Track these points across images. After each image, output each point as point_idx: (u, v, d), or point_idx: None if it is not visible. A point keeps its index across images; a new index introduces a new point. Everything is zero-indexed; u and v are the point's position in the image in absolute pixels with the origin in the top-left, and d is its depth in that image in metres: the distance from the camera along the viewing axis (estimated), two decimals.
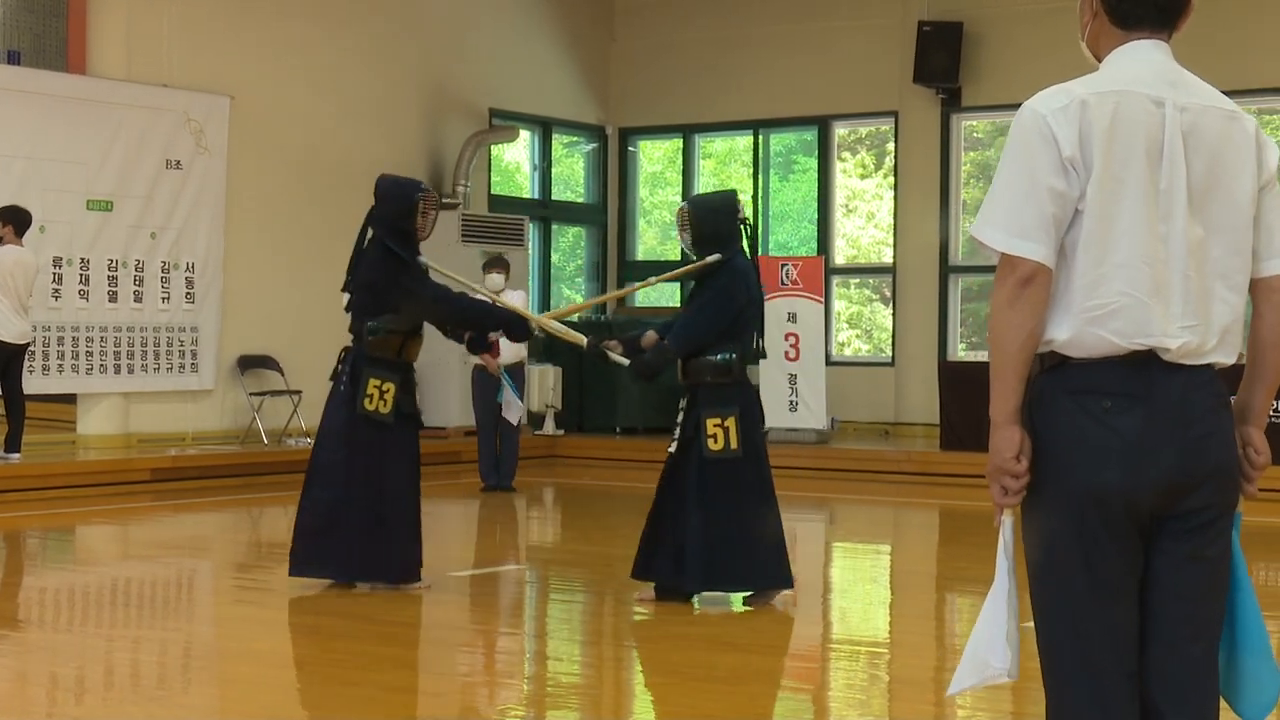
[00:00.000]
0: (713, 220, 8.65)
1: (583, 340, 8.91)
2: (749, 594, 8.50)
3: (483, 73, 18.88)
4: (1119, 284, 3.42)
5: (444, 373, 16.57)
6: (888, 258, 19.20)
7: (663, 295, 20.95)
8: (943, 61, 17.97)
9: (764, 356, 9.03)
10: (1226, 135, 3.53)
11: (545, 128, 20.00)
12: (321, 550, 8.67)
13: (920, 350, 18.55)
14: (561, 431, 18.08)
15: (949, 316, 18.62)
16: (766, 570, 8.39)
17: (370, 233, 8.85)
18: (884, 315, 19.55)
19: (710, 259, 8.58)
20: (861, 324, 20.03)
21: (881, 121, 19.22)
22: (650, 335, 8.65)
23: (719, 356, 8.35)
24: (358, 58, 17.26)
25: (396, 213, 8.77)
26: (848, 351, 19.74)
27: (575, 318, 15.97)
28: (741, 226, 8.75)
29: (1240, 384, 3.65)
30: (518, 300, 14.48)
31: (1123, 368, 3.43)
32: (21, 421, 13.65)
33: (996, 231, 3.46)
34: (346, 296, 8.91)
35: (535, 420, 18.11)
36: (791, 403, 17.11)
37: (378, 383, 8.68)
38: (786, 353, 17.19)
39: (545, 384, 18.12)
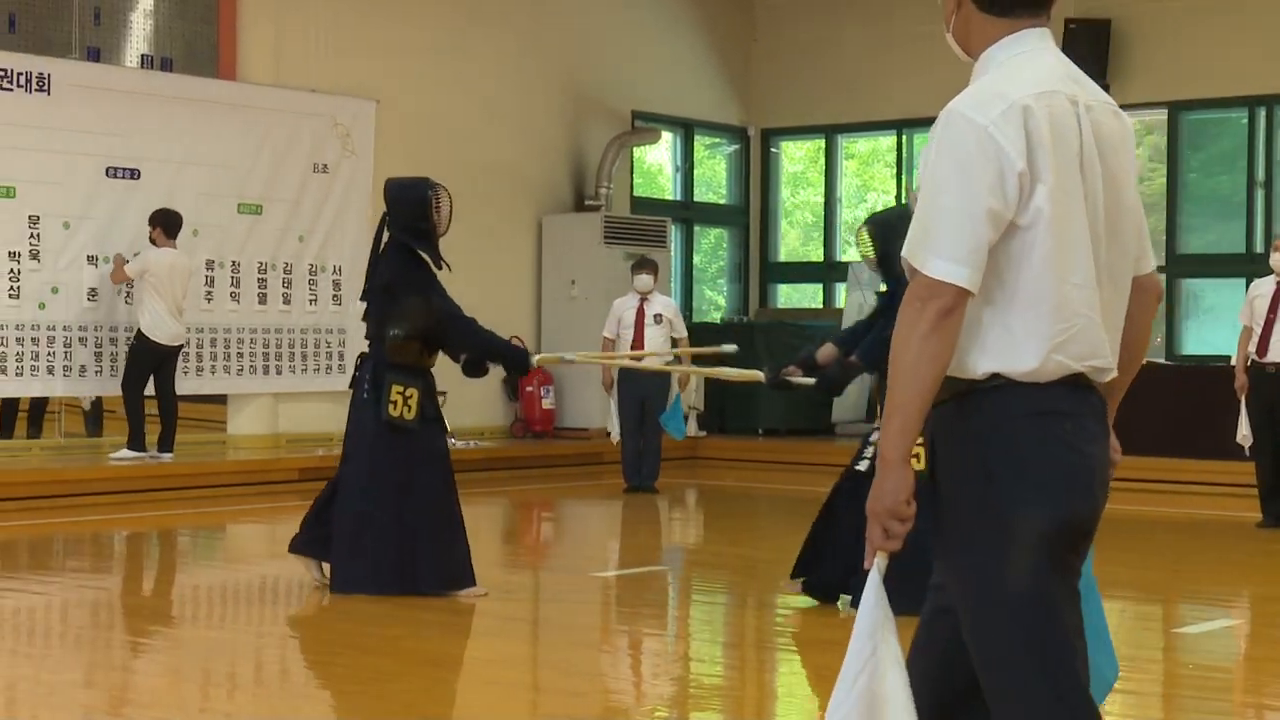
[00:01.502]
0: (892, 237, 8.25)
1: (760, 376, 8.80)
2: None
3: (625, 75, 18.92)
4: (1078, 305, 3.18)
5: (583, 375, 16.63)
6: None
7: (804, 296, 20.88)
8: (1090, 59, 17.69)
9: None
10: (1119, 134, 3.30)
11: (687, 129, 20.01)
12: (358, 566, 8.57)
13: None
14: (704, 433, 18.07)
15: None
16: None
17: (386, 237, 8.82)
18: None
19: (725, 348, 8.56)
20: None
21: None
22: (828, 349, 8.52)
23: None
24: (500, 61, 17.38)
25: (411, 213, 8.71)
26: None
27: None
28: None
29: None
30: (666, 308, 14.51)
31: (1063, 389, 3.20)
32: (173, 422, 13.89)
33: (932, 256, 3.13)
34: (363, 306, 8.88)
35: None
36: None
37: (400, 388, 8.59)
38: None
39: (687, 386, 18.11)
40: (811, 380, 8.46)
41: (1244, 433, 12.27)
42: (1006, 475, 3.16)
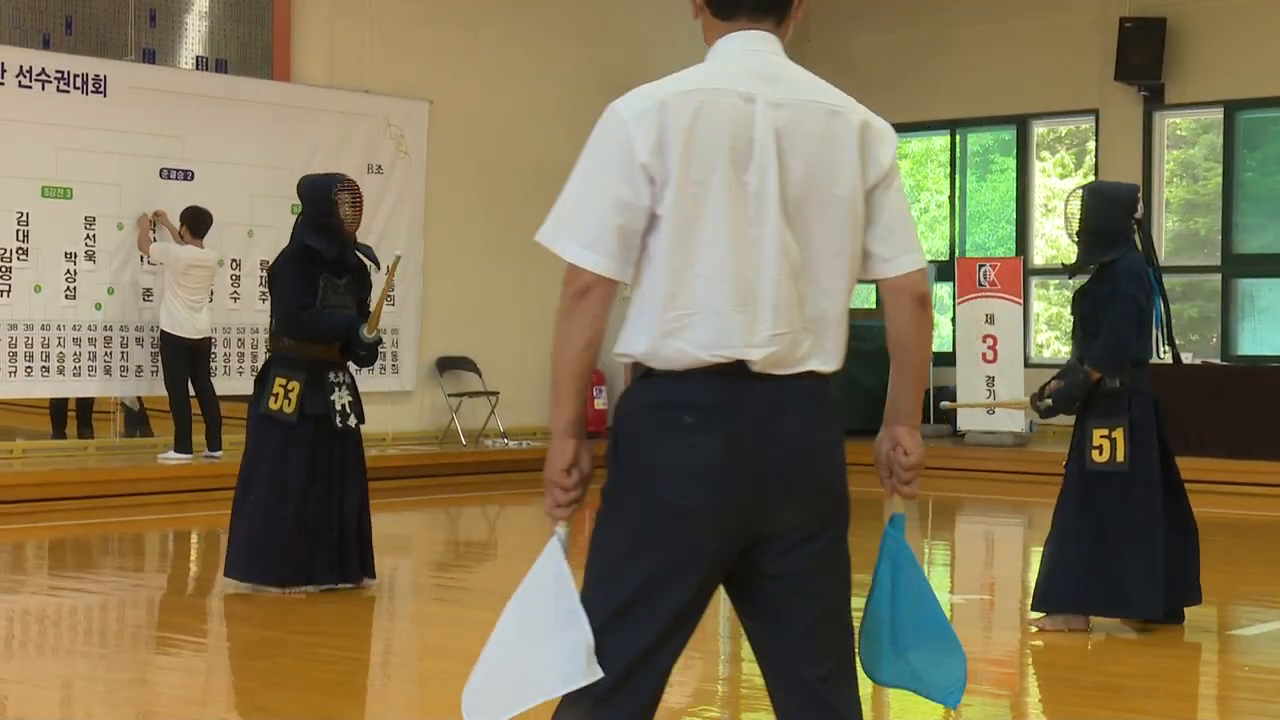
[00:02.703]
0: (1103, 211, 7.89)
1: (1027, 403, 8.48)
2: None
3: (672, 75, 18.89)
4: (699, 294, 3.21)
5: None
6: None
7: (857, 297, 20.79)
8: (1145, 58, 17.62)
9: (1178, 360, 8.36)
10: (828, 133, 3.30)
11: None
12: (231, 550, 8.77)
13: None
14: None
15: None
16: (1128, 598, 7.68)
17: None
18: None
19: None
20: (1061, 325, 19.70)
21: (1081, 120, 18.90)
22: (1051, 388, 8.04)
23: None
24: (550, 61, 17.40)
25: (314, 209, 8.79)
26: (1047, 353, 19.44)
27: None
28: (1134, 225, 7.93)
29: (889, 385, 3.55)
30: None
31: (707, 380, 3.22)
32: (217, 419, 13.91)
33: (563, 238, 3.27)
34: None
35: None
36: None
37: (283, 381, 8.65)
38: (984, 354, 17.00)
39: None
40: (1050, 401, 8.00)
41: None
42: (624, 460, 3.27)
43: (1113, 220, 7.87)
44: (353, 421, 8.91)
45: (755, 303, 3.23)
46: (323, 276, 8.75)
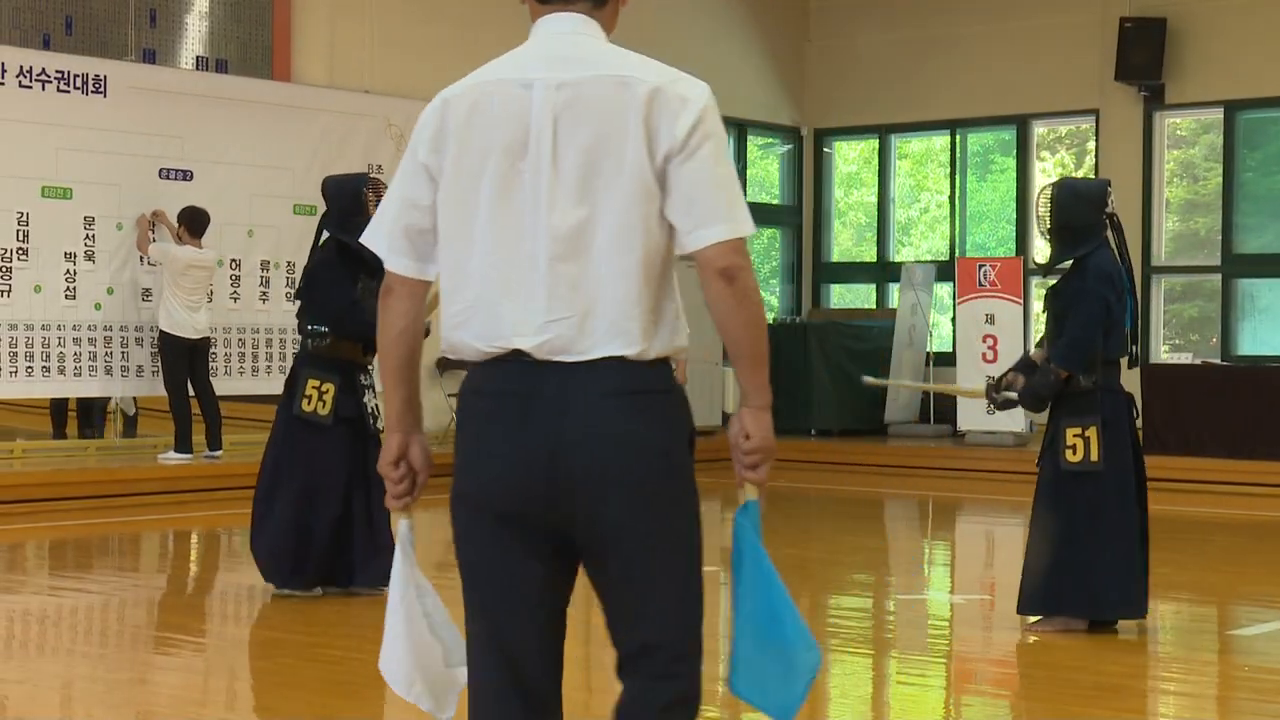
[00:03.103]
0: (1074, 208, 7.83)
1: (981, 392, 8.37)
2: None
3: None
4: (474, 286, 3.25)
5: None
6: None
7: (858, 297, 20.82)
8: (1145, 58, 17.62)
9: (1136, 364, 8.21)
10: (613, 105, 3.20)
11: (740, 129, 20.00)
12: (259, 549, 8.58)
13: None
14: None
15: (1151, 318, 18.25)
16: (1107, 599, 7.65)
17: (324, 235, 8.73)
18: None
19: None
20: None
21: (1081, 120, 18.91)
22: (1040, 353, 7.93)
23: None
24: None
25: (344, 209, 8.63)
26: None
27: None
28: (1107, 220, 7.90)
29: None
30: None
31: (502, 369, 3.25)
32: (217, 419, 13.91)
33: (375, 238, 3.39)
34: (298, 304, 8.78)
35: (730, 422, 18.08)
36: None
37: (316, 383, 8.47)
38: (984, 354, 16.99)
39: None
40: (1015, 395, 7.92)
41: None
42: (456, 445, 3.35)
43: (1083, 215, 7.82)
44: (381, 424, 8.87)
45: (527, 291, 3.21)
46: (360, 276, 8.65)
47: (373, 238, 3.40)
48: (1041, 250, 19.15)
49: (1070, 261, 7.85)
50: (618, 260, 3.19)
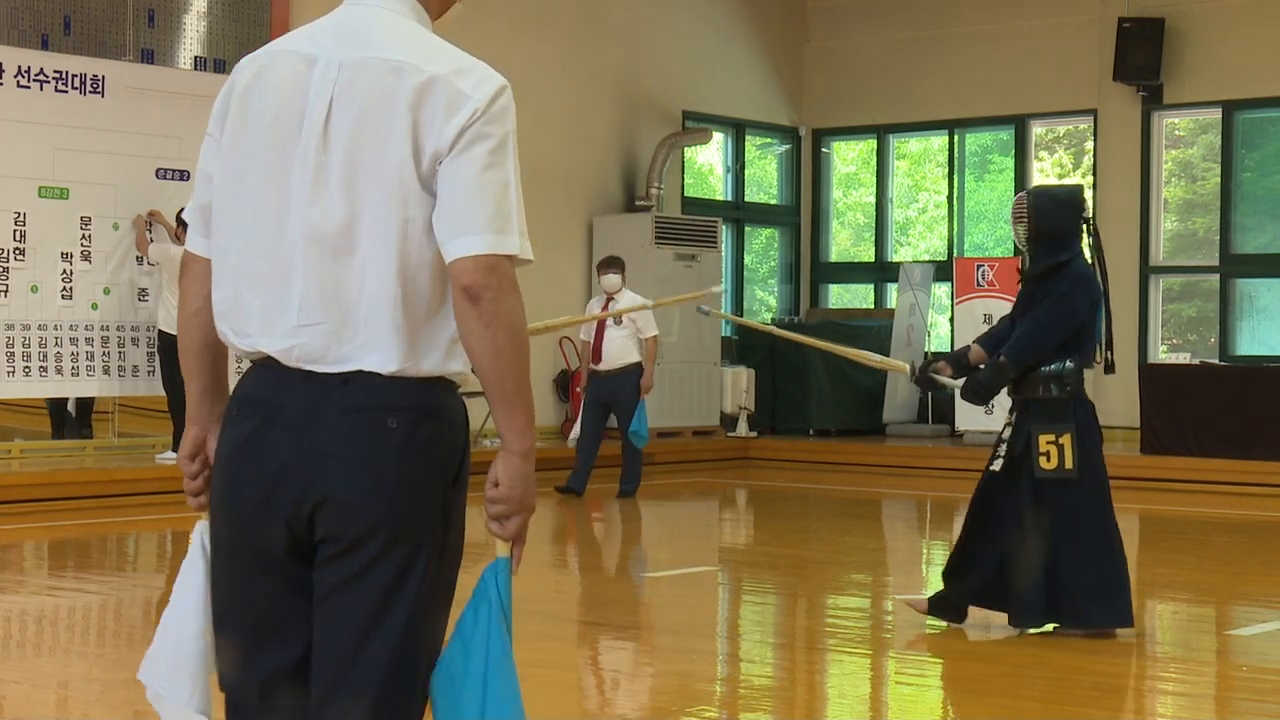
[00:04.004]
0: (1053, 214, 7.75)
1: (905, 368, 8.45)
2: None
3: (676, 75, 18.92)
4: (234, 276, 2.95)
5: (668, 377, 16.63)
6: (1086, 258, 18.85)
7: (856, 297, 20.81)
8: (1144, 58, 17.63)
9: (1111, 370, 8.15)
10: (381, 92, 2.89)
11: (738, 130, 19.99)
12: None
13: (1120, 352, 18.10)
14: (755, 433, 18.05)
15: (1149, 318, 18.25)
16: (1096, 613, 7.62)
17: None
18: None
19: (713, 290, 7.91)
20: None
21: (1080, 120, 18.91)
22: (977, 350, 7.97)
23: (1054, 366, 7.61)
24: (553, 63, 17.40)
25: None
26: None
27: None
28: (1084, 225, 7.86)
29: None
30: (635, 302, 13.70)
31: (256, 373, 2.97)
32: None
33: (190, 214, 3.17)
34: None
35: (728, 422, 18.11)
36: (988, 405, 16.85)
37: None
38: None
39: (738, 386, 18.10)
40: (959, 382, 7.96)
41: None
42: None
43: (1063, 220, 7.79)
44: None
45: (280, 289, 2.91)
46: None
47: (188, 211, 3.25)
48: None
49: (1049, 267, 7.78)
50: (381, 265, 2.87)
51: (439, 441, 2.93)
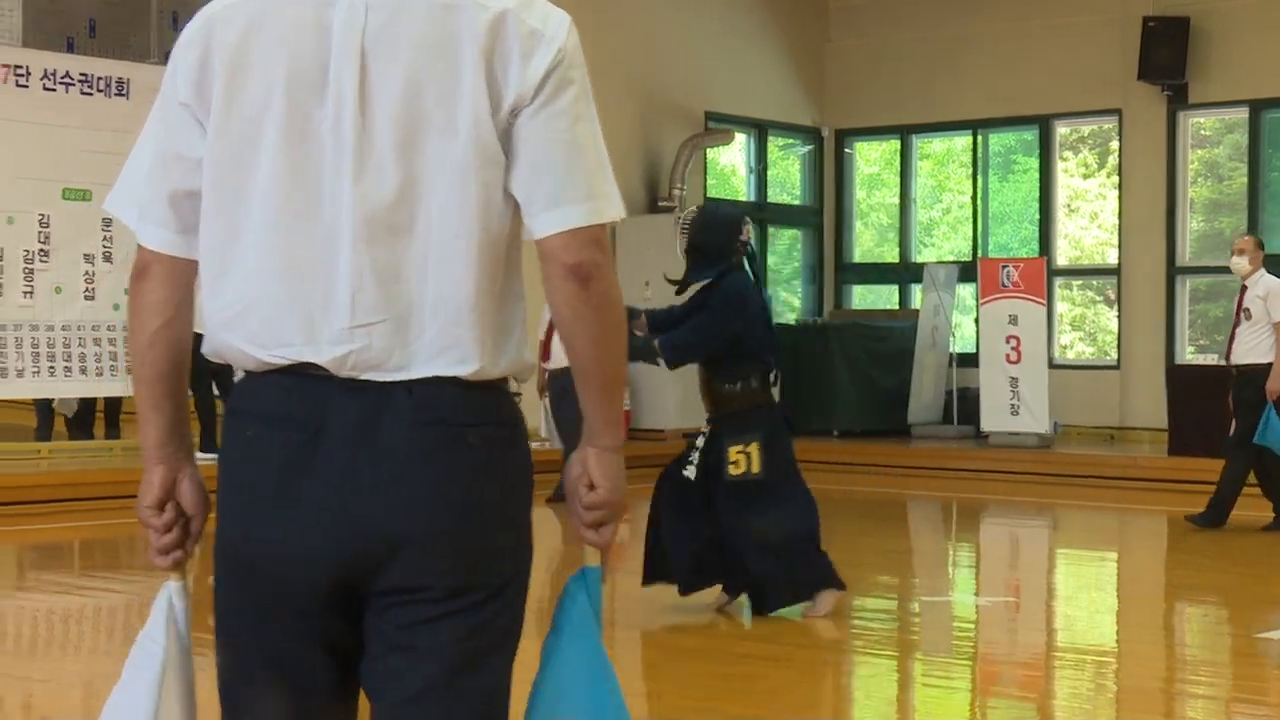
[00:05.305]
0: (709, 230, 8.22)
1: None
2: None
3: (698, 76, 18.90)
4: (248, 273, 2.42)
5: (660, 375, 16.61)
6: (1112, 259, 18.83)
7: (879, 297, 20.78)
8: (1168, 57, 17.56)
9: (776, 383, 8.58)
10: (439, 35, 2.39)
11: (761, 130, 19.98)
12: None
13: (1146, 353, 18.14)
14: None
15: (1176, 318, 18.20)
16: (790, 580, 8.24)
17: None
18: (1108, 317, 19.18)
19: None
20: (1085, 326, 19.68)
21: (1104, 120, 18.85)
22: (641, 321, 8.31)
23: (739, 385, 8.17)
24: None
25: None
26: (1070, 355, 19.40)
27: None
28: (741, 247, 8.20)
29: None
30: None
31: (282, 382, 2.42)
32: (209, 421, 13.89)
33: (123, 203, 2.57)
34: None
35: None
36: (1013, 406, 16.85)
37: None
38: (1008, 355, 16.95)
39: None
40: (640, 335, 8.30)
41: None
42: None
43: (714, 239, 8.15)
44: None
45: (321, 285, 2.40)
46: None
47: (117, 203, 2.57)
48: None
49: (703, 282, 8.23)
50: (452, 247, 2.40)
51: (522, 459, 2.52)
